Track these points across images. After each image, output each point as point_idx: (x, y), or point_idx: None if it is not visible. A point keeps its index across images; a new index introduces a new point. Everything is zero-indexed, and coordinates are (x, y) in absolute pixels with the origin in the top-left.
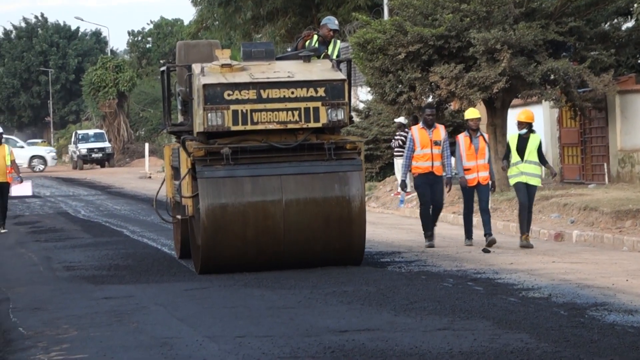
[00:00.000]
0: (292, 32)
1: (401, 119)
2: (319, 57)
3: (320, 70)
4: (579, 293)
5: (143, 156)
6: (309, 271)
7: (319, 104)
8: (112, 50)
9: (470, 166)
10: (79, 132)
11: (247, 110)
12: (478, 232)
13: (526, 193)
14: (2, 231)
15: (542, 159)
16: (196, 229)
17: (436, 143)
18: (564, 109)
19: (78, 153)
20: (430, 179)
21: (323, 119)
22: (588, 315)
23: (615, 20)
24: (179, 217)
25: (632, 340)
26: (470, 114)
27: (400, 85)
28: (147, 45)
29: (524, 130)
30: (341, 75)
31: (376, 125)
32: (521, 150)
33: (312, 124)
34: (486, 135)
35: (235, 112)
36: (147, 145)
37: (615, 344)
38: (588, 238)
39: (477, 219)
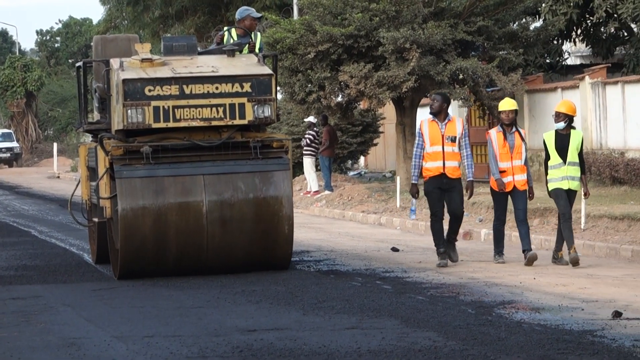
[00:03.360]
0: (202, 31)
1: (311, 118)
2: (241, 52)
3: (245, 64)
4: (486, 291)
5: (51, 156)
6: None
7: (244, 99)
8: (20, 50)
9: (505, 167)
10: None
11: (169, 106)
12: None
13: (567, 200)
14: None
15: (582, 164)
16: (114, 232)
17: (450, 139)
18: (473, 108)
19: None
20: (444, 182)
21: (249, 116)
22: (495, 313)
23: (524, 20)
24: (95, 219)
25: (539, 338)
26: (503, 104)
27: (309, 85)
28: (56, 45)
29: (562, 125)
30: (268, 70)
31: (286, 124)
32: (562, 150)
33: (237, 121)
34: (523, 131)
35: (156, 109)
36: (55, 145)
37: (522, 341)
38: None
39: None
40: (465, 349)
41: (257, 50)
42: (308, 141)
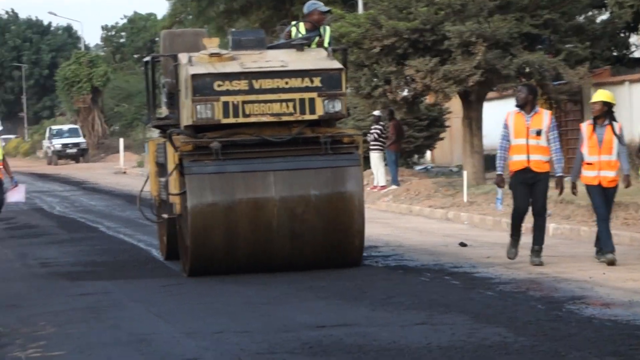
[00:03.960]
0: (266, 25)
1: (376, 112)
2: (309, 46)
3: (315, 59)
4: (556, 287)
5: (118, 151)
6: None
7: (314, 94)
8: (85, 46)
9: (592, 161)
10: (53, 127)
11: (238, 101)
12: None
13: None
14: None
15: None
16: (184, 228)
17: (535, 132)
18: (540, 101)
19: (52, 148)
20: (529, 177)
21: (319, 111)
22: (565, 309)
23: (590, 13)
24: (165, 216)
25: (610, 334)
26: (593, 96)
27: (375, 79)
28: (121, 40)
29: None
30: (338, 64)
31: (351, 119)
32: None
33: (307, 116)
34: (617, 125)
35: (225, 104)
36: (121, 140)
37: (592, 337)
38: (564, 231)
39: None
40: (536, 344)
41: (326, 44)
42: (375, 135)
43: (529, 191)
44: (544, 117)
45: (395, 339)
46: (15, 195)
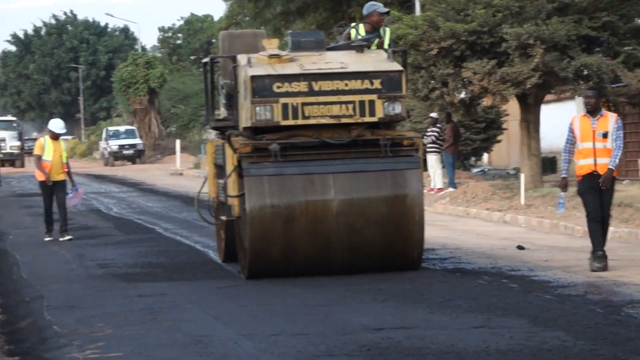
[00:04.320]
0: (323, 27)
1: (434, 114)
2: (369, 48)
3: (375, 60)
4: (615, 290)
5: (174, 153)
6: None
7: (374, 96)
8: (142, 47)
9: None
10: (110, 128)
11: (297, 103)
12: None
13: None
14: (67, 238)
15: None
16: (243, 230)
17: (602, 135)
18: None
19: (109, 149)
20: (597, 182)
21: (379, 113)
22: (625, 312)
23: None
24: (223, 218)
25: None
26: None
27: (432, 81)
28: (178, 42)
29: None
30: (398, 67)
31: (408, 121)
32: None
33: (367, 119)
34: None
35: (285, 106)
36: (178, 141)
37: None
38: (623, 234)
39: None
40: (595, 348)
41: (386, 46)
42: (433, 138)
43: (598, 196)
44: (610, 120)
45: (453, 342)
46: (74, 200)
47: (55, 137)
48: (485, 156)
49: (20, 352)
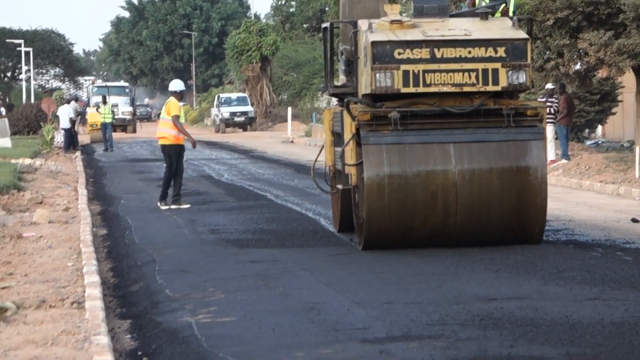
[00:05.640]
0: None
1: (549, 85)
2: (493, 15)
3: (499, 28)
4: None
5: (285, 120)
6: None
7: (498, 65)
8: (255, 15)
9: None
10: (222, 95)
11: (419, 70)
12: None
13: None
14: (185, 206)
15: None
16: (360, 200)
17: None
18: None
19: (220, 116)
20: None
21: (503, 82)
22: None
23: None
24: (339, 187)
25: None
26: None
27: (548, 52)
28: (291, 10)
29: None
30: (523, 34)
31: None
32: None
33: (490, 87)
34: None
35: (406, 73)
36: (289, 109)
37: None
38: None
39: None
40: None
41: (510, 13)
42: (553, 110)
43: None
44: None
45: (567, 313)
46: None
47: (180, 97)
48: (599, 128)
49: (132, 316)
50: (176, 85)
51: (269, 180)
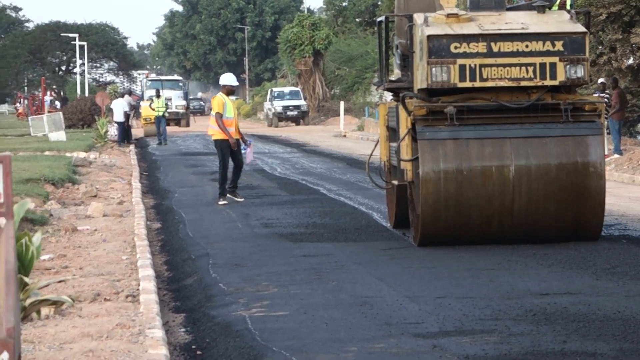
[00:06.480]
0: None
1: (602, 80)
2: (551, 8)
3: (557, 21)
4: None
5: (338, 114)
6: None
7: (556, 59)
8: (308, 9)
9: None
10: (275, 89)
11: (475, 64)
12: None
13: None
14: (239, 199)
15: None
16: (415, 196)
17: None
18: None
19: (273, 110)
20: None
21: (560, 76)
22: None
23: None
24: (394, 182)
25: None
26: None
27: (600, 47)
28: (344, 4)
29: None
30: (581, 28)
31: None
32: None
33: (547, 82)
34: None
35: (462, 67)
36: (342, 103)
37: None
38: None
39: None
40: None
41: (568, 6)
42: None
43: None
44: None
45: (620, 309)
46: (250, 156)
47: (231, 92)
48: None
49: (186, 309)
50: (225, 79)
51: (321, 174)
